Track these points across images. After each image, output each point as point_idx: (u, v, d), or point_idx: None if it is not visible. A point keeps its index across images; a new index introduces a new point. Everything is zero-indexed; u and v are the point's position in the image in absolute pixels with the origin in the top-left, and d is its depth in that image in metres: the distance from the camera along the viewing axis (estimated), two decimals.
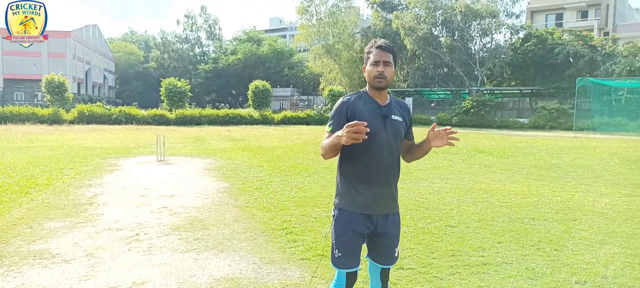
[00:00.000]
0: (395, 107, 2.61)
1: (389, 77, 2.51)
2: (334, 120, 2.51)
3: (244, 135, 21.11)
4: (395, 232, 2.66)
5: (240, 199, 7.14)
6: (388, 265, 2.71)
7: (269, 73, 60.29)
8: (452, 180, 9.08)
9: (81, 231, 5.30)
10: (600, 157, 13.26)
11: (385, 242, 2.62)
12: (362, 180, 2.52)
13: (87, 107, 30.11)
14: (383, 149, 2.49)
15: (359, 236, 2.55)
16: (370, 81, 2.54)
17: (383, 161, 2.51)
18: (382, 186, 2.53)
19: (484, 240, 5.00)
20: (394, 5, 43.04)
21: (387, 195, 2.57)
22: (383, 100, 2.57)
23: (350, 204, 2.54)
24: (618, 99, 29.52)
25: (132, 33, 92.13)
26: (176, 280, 3.91)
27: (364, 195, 2.52)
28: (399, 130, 2.57)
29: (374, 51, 2.52)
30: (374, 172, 2.51)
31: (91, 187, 8.02)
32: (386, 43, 2.55)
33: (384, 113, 2.53)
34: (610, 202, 7.09)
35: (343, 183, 2.59)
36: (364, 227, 2.55)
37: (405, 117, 2.64)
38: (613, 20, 50.78)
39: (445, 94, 40.83)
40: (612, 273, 4.05)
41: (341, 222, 2.56)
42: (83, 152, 13.08)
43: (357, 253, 2.58)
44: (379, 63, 2.49)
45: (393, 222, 2.64)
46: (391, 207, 2.61)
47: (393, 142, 2.54)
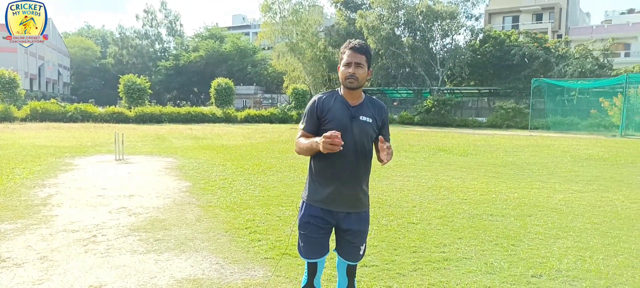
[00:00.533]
0: (366, 108, 2.62)
1: (360, 78, 2.53)
2: (307, 117, 2.61)
3: (207, 134, 20.78)
4: (360, 229, 2.68)
5: (203, 199, 7.02)
6: (352, 262, 2.74)
7: (232, 71, 59.58)
8: (414, 178, 9.24)
9: (34, 233, 5.08)
10: (554, 155, 13.80)
11: (350, 238, 2.66)
12: (325, 177, 2.58)
13: (41, 104, 28.86)
14: (347, 150, 2.49)
15: (319, 229, 2.61)
16: (342, 81, 2.57)
17: (347, 160, 2.53)
18: (345, 184, 2.56)
19: (444, 237, 5.11)
20: (358, 5, 43.36)
21: (350, 194, 2.60)
22: (354, 100, 2.60)
23: (313, 198, 2.63)
24: (570, 99, 30.77)
25: (88, 28, 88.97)
26: (136, 282, 3.80)
27: (326, 192, 2.58)
28: (366, 131, 2.58)
29: (347, 52, 2.55)
30: (337, 170, 2.54)
31: (45, 187, 7.70)
32: (360, 44, 2.57)
33: (352, 113, 2.56)
34: (564, 198, 7.39)
35: (309, 177, 2.68)
36: (324, 221, 2.61)
37: (376, 118, 2.64)
38: (565, 24, 53.00)
39: (407, 93, 41.50)
40: (565, 267, 4.22)
41: (304, 215, 2.65)
42: (36, 151, 12.54)
43: (319, 246, 2.64)
44: (350, 64, 2.53)
45: (358, 219, 2.66)
46: (355, 205, 2.64)
47: (359, 142, 2.55)
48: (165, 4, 78.88)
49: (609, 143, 18.82)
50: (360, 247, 2.71)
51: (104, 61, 72.84)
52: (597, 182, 9.06)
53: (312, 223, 2.61)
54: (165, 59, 69.06)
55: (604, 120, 26.87)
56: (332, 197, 2.58)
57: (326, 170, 2.57)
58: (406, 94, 41.71)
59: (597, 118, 27.36)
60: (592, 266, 4.24)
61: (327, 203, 2.59)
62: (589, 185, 8.63)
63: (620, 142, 19.47)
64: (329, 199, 2.58)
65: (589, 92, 29.80)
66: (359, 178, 2.61)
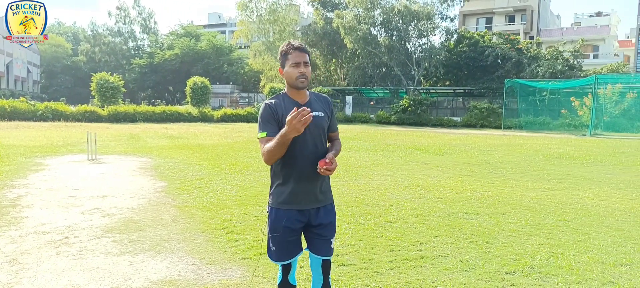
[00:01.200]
0: (315, 103, 2.68)
1: (309, 77, 2.61)
2: (266, 124, 2.58)
3: (182, 133, 20.52)
4: (329, 222, 2.72)
5: (179, 199, 6.93)
6: (326, 256, 2.75)
7: (207, 69, 58.92)
8: (391, 177, 9.31)
9: (3, 235, 4.93)
10: (527, 154, 14.11)
11: (321, 232, 2.69)
12: (290, 177, 2.59)
13: (9, 102, 27.98)
14: (307, 146, 2.56)
15: (291, 231, 2.63)
16: (291, 82, 2.60)
17: (308, 157, 2.56)
18: (310, 181, 2.60)
19: (421, 235, 5.17)
20: (335, 4, 43.47)
21: (315, 189, 2.64)
22: (302, 99, 2.65)
23: (280, 201, 2.63)
24: (542, 99, 31.46)
25: (59, 24, 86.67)
26: (110, 284, 3.73)
27: (293, 192, 2.60)
28: (321, 125, 2.64)
29: (293, 52, 2.59)
30: (300, 169, 2.57)
31: (14, 188, 7.48)
32: (302, 44, 2.64)
33: None
34: (536, 196, 7.55)
35: (274, 182, 2.68)
36: (296, 222, 2.63)
37: (326, 111, 2.72)
38: (537, 25, 54.25)
39: (384, 93, 41.81)
40: (538, 263, 4.32)
41: (274, 219, 2.64)
42: (4, 151, 12.16)
43: (292, 247, 2.67)
44: (299, 64, 2.57)
45: (326, 213, 2.71)
46: (321, 199, 2.69)
47: (317, 137, 2.61)
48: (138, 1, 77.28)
49: (579, 142, 19.35)
50: (330, 240, 2.75)
51: (75, 59, 71.09)
52: (567, 180, 9.30)
53: (285, 226, 2.61)
54: (139, 57, 67.83)
55: (574, 120, 27.59)
56: (299, 195, 2.60)
57: (291, 171, 2.59)
58: (383, 94, 42.02)
59: (568, 118, 28.07)
60: (564, 262, 4.34)
61: (296, 203, 2.62)
62: (560, 184, 8.84)
63: (589, 141, 20.03)
64: (296, 198, 2.61)
65: (560, 93, 30.54)
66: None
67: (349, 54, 41.46)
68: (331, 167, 2.57)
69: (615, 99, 26.60)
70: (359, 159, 12.05)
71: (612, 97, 26.62)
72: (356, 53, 40.18)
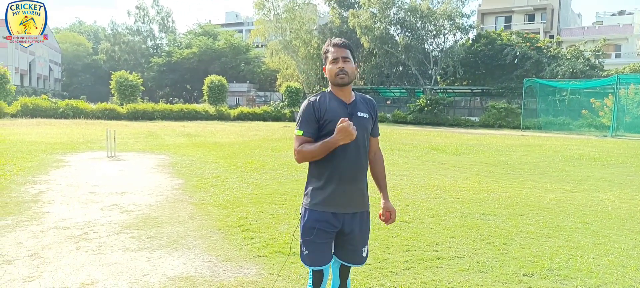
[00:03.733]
0: (361, 104, 2.61)
1: (350, 73, 2.51)
2: (304, 123, 2.50)
3: (199, 131, 20.70)
4: (362, 231, 2.64)
5: (195, 196, 7.00)
6: (355, 264, 2.68)
7: (225, 68, 59.34)
8: (407, 176, 9.26)
9: (25, 230, 5.04)
10: (546, 155, 13.90)
11: (352, 241, 2.61)
12: (329, 178, 2.50)
13: (31, 99, 28.61)
14: (349, 147, 2.46)
15: (325, 234, 2.53)
16: (332, 79, 2.53)
17: (351, 159, 2.50)
18: (350, 183, 2.52)
19: (437, 235, 5.13)
20: (351, 3, 43.36)
21: (355, 193, 2.56)
22: (348, 98, 2.57)
23: (316, 203, 2.53)
24: (562, 99, 30.94)
25: (80, 23, 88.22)
26: (128, 280, 3.78)
27: (331, 194, 2.50)
28: (365, 127, 2.57)
29: (331, 49, 2.53)
30: (341, 171, 2.49)
31: (36, 184, 7.64)
32: (342, 40, 2.56)
33: (349, 111, 2.52)
34: (555, 197, 7.44)
35: (311, 182, 2.59)
36: (330, 225, 2.53)
37: (371, 113, 2.63)
38: (557, 24, 53.37)
39: (400, 92, 41.58)
40: (556, 266, 4.25)
41: (308, 220, 2.54)
42: (27, 147, 12.43)
43: (325, 252, 2.57)
44: (338, 60, 2.50)
45: (361, 220, 2.62)
46: (360, 204, 2.61)
47: (360, 139, 2.52)
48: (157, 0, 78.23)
49: (599, 143, 18.99)
50: (362, 249, 2.67)
51: (95, 57, 72.27)
52: (588, 181, 9.14)
53: (318, 228, 2.52)
54: (157, 56, 68.63)
55: (595, 121, 27.08)
56: (337, 197, 2.51)
57: (331, 172, 2.50)
58: (399, 93, 41.79)
59: (588, 118, 27.56)
60: (583, 265, 4.27)
61: (332, 205, 2.52)
62: (580, 185, 8.69)
63: (610, 143, 19.64)
64: (334, 201, 2.51)
65: (581, 93, 30.00)
66: (362, 174, 2.60)
67: (366, 53, 41.31)
68: (390, 218, 2.72)
69: (638, 100, 26.00)
70: None
71: (635, 98, 26.03)
72: (373, 52, 40.01)
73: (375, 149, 2.75)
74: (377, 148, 2.77)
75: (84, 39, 76.52)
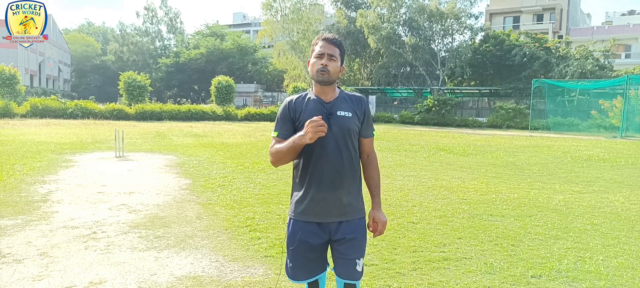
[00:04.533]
0: (343, 102, 2.35)
1: (332, 72, 2.29)
2: (279, 123, 2.37)
3: (207, 131, 20.77)
4: (355, 240, 2.36)
5: (203, 196, 7.02)
6: (350, 280, 2.39)
7: (232, 68, 59.58)
8: (414, 177, 9.23)
9: (34, 229, 5.08)
10: (554, 156, 13.80)
11: (344, 251, 2.35)
12: (309, 185, 2.30)
13: (41, 100, 28.85)
14: (327, 148, 2.25)
15: (308, 246, 2.33)
16: (313, 74, 2.32)
17: (330, 162, 2.26)
18: (331, 190, 2.28)
19: (444, 236, 5.11)
20: (358, 4, 43.34)
21: (337, 200, 2.31)
22: (328, 97, 2.34)
23: (299, 212, 2.35)
24: (571, 100, 30.71)
25: (89, 24, 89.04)
26: (136, 279, 3.80)
27: (311, 201, 2.30)
28: (346, 127, 2.30)
29: (320, 43, 2.32)
30: (320, 176, 2.27)
31: (45, 184, 7.70)
32: (334, 36, 2.36)
33: (327, 110, 2.30)
34: (564, 199, 7.38)
35: (294, 188, 2.42)
36: (314, 236, 2.32)
37: (357, 112, 2.36)
38: (566, 24, 53.03)
39: (407, 93, 41.47)
40: (565, 267, 4.22)
41: (290, 231, 2.37)
42: (36, 147, 12.54)
43: (311, 265, 2.37)
44: (323, 55, 2.29)
45: (352, 229, 2.36)
46: (345, 213, 2.35)
47: (341, 140, 2.28)
48: (165, 1, 78.70)
49: (609, 144, 18.82)
50: (356, 261, 2.37)
51: (104, 58, 72.88)
52: (597, 183, 9.06)
53: (302, 240, 2.32)
54: (165, 56, 69.07)
55: (604, 122, 26.85)
56: (318, 205, 2.29)
57: (310, 178, 2.30)
58: (407, 94, 41.68)
59: (598, 119, 27.33)
60: (592, 267, 4.24)
61: (315, 215, 2.31)
62: (589, 186, 8.62)
63: (620, 143, 19.47)
64: (315, 209, 2.30)
65: (590, 93, 29.75)
66: (348, 180, 2.33)
67: (373, 53, 41.29)
68: (377, 230, 2.45)
69: None
70: (382, 159, 11.99)
71: None
72: (380, 52, 39.97)
73: (368, 151, 2.48)
74: (371, 151, 2.50)
75: (93, 40, 77.20)
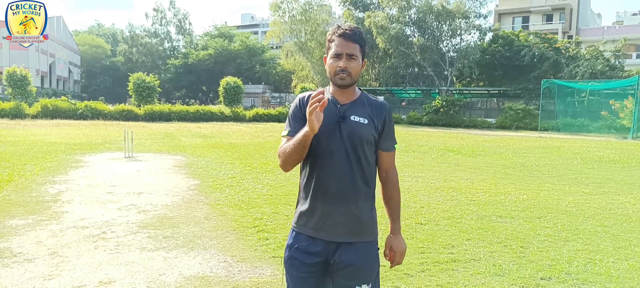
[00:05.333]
0: (360, 107, 2.04)
1: (353, 74, 1.99)
2: (290, 122, 2.09)
3: (215, 132, 20.85)
4: (361, 266, 2.02)
5: (211, 197, 7.05)
6: None
7: (240, 69, 59.75)
8: (422, 178, 9.21)
9: (45, 229, 5.13)
10: (564, 157, 13.69)
11: (346, 277, 2.01)
12: (313, 195, 2.02)
13: (51, 101, 29.12)
14: (335, 156, 1.97)
15: (302, 266, 2.04)
16: (331, 76, 2.03)
17: (336, 173, 1.97)
18: (336, 203, 1.98)
19: (453, 238, 5.09)
20: (366, 4, 43.27)
21: (343, 215, 1.99)
22: (344, 98, 2.05)
23: (301, 224, 2.07)
24: (581, 101, 30.44)
25: (99, 26, 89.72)
26: (144, 279, 3.83)
27: (313, 214, 2.02)
28: (358, 134, 1.99)
29: (337, 40, 1.99)
30: (325, 186, 1.99)
31: (55, 184, 7.77)
32: (352, 29, 2.01)
33: (340, 112, 2.00)
34: (573, 200, 7.32)
35: (298, 200, 2.14)
36: (309, 255, 2.02)
37: (374, 119, 2.04)
38: (576, 24, 52.57)
39: (416, 93, 41.33)
40: (575, 270, 4.19)
41: (290, 244, 2.10)
42: (47, 148, 12.66)
43: (303, 285, 2.07)
44: (341, 56, 1.97)
45: (358, 252, 2.02)
46: (353, 231, 2.02)
47: (351, 149, 1.98)
48: (174, 3, 79.11)
49: (619, 145, 18.63)
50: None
51: (114, 59, 73.38)
52: (607, 184, 8.97)
53: (296, 258, 2.05)
54: (174, 58, 69.42)
55: (614, 122, 26.58)
56: (320, 219, 2.00)
57: (314, 186, 2.01)
58: (415, 94, 41.54)
59: (608, 120, 27.07)
60: (602, 269, 4.20)
61: (315, 229, 2.02)
62: (599, 188, 8.55)
63: (631, 145, 19.26)
64: (316, 223, 2.01)
65: (600, 94, 29.46)
66: (355, 193, 2.00)
67: (381, 53, 41.17)
68: (395, 260, 2.15)
69: None
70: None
71: None
72: (388, 53, 39.85)
73: (387, 168, 2.13)
74: (391, 167, 2.15)
75: (103, 41, 77.77)
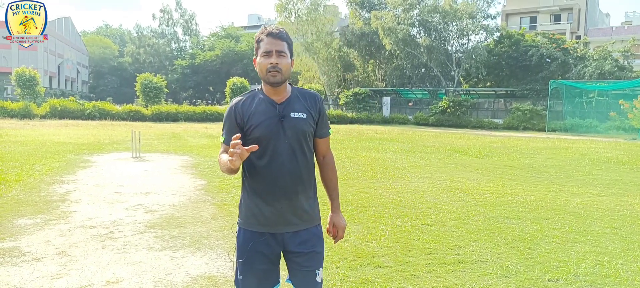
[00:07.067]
0: (296, 102, 2.15)
1: (284, 70, 2.08)
2: (225, 128, 2.16)
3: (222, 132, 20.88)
4: (313, 250, 2.19)
5: (218, 197, 7.07)
6: None
7: (247, 70, 59.85)
8: (429, 179, 9.18)
9: (53, 228, 5.17)
10: (572, 158, 13.60)
11: (301, 262, 2.18)
12: (260, 193, 2.13)
13: (60, 101, 29.34)
14: (281, 156, 2.08)
15: (262, 257, 2.14)
16: (262, 75, 2.11)
17: (283, 169, 2.09)
18: (284, 199, 2.11)
19: (459, 238, 5.07)
20: (373, 5, 43.22)
21: (290, 209, 2.13)
22: (279, 97, 2.14)
23: (250, 222, 2.16)
24: (589, 101, 30.23)
25: (106, 27, 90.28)
26: (152, 278, 3.85)
27: (263, 211, 2.13)
28: (301, 129, 2.12)
29: (265, 39, 2.09)
30: (274, 183, 2.10)
31: (63, 184, 7.83)
32: (279, 29, 2.12)
33: (280, 112, 2.11)
34: (582, 201, 7.27)
35: (243, 198, 2.23)
36: (267, 246, 2.14)
37: (311, 111, 2.17)
38: (584, 25, 52.23)
39: (422, 94, 41.23)
40: (583, 271, 4.16)
41: (242, 242, 2.17)
42: (55, 148, 12.75)
43: (263, 277, 2.17)
44: (271, 53, 2.07)
45: (308, 237, 2.18)
46: (302, 220, 2.17)
47: (296, 144, 2.10)
48: (180, 3, 79.46)
49: (628, 146, 18.48)
50: (315, 271, 2.20)
51: (121, 60, 73.81)
52: (616, 185, 8.90)
53: (252, 249, 2.13)
54: (181, 58, 69.72)
55: (623, 123, 26.37)
56: (271, 215, 2.12)
57: (261, 186, 2.12)
58: (421, 95, 41.45)
59: (617, 121, 26.86)
60: (611, 271, 4.17)
61: (268, 225, 2.13)
62: (607, 189, 8.48)
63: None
64: (269, 220, 2.12)
65: (608, 94, 29.25)
66: (300, 186, 2.15)
67: (387, 54, 41.09)
68: (338, 235, 2.34)
69: None
70: (396, 161, 11.95)
71: None
72: (395, 54, 39.78)
73: (324, 152, 2.30)
74: (327, 151, 2.32)
75: (110, 41, 78.25)
